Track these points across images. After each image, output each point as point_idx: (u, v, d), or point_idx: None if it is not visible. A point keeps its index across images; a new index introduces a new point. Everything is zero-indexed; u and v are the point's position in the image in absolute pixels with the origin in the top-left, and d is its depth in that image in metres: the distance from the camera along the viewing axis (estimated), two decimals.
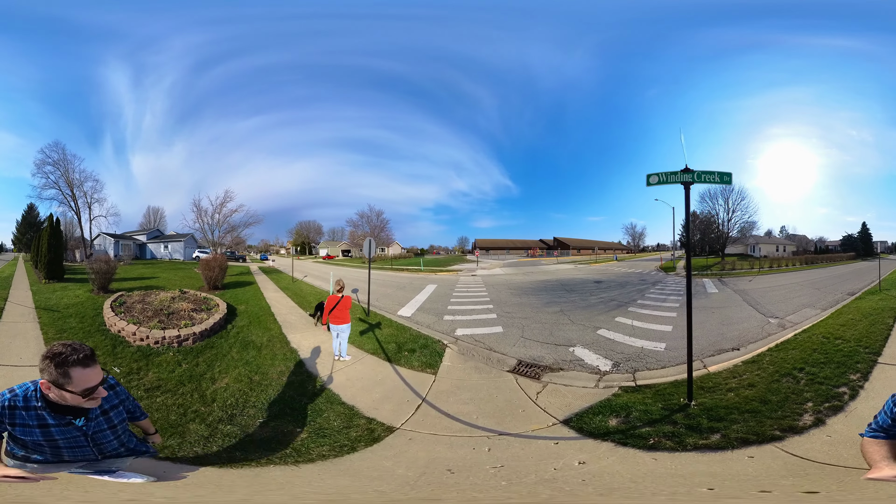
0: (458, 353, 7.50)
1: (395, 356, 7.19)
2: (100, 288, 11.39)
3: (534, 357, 6.86)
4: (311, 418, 4.79)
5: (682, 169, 4.52)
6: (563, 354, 6.92)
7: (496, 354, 7.21)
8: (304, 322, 9.62)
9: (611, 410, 4.46)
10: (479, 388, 5.77)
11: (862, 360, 5.24)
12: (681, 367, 5.53)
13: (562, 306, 11.39)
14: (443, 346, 7.87)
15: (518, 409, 4.88)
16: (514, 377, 6.01)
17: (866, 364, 5.12)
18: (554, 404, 4.88)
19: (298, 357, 7.00)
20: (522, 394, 5.34)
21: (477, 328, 9.11)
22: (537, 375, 5.97)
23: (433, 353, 7.31)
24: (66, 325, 7.71)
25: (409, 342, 8.01)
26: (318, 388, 5.77)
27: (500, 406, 5.03)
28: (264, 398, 5.26)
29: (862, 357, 5.39)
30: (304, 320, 9.82)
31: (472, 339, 8.22)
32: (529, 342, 7.83)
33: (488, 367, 6.63)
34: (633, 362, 6.31)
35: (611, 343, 7.56)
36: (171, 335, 6.97)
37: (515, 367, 6.42)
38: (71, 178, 22.28)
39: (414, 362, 6.90)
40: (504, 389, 5.60)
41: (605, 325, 8.85)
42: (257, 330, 8.48)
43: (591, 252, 37.55)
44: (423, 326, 9.36)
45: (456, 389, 5.76)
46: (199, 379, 5.68)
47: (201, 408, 4.73)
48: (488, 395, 5.43)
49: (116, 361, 5.97)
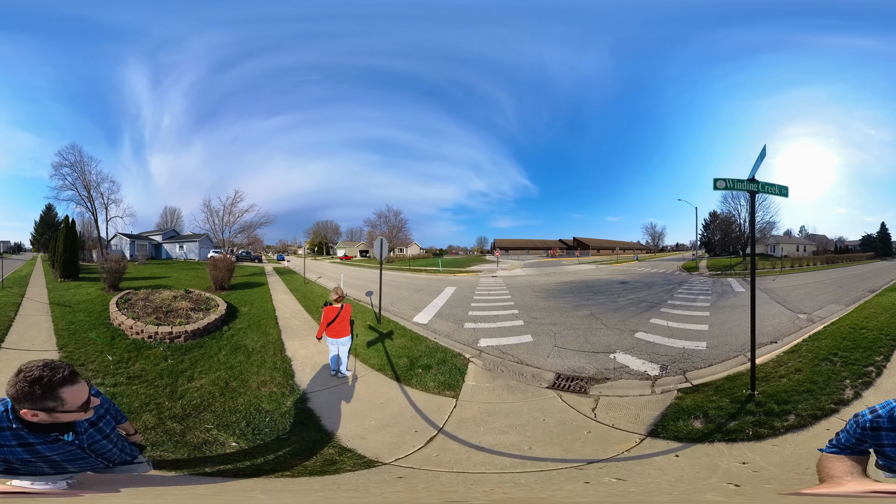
0: (484, 368, 7.22)
1: (405, 374, 6.94)
2: (110, 286, 12.74)
3: (573, 368, 6.88)
4: (264, 438, 4.57)
5: (749, 178, 5.31)
6: (605, 362, 7.11)
7: (529, 368, 7.03)
8: (307, 328, 9.99)
9: (686, 413, 4.84)
10: (518, 411, 5.37)
11: (884, 345, 6.65)
12: (726, 363, 6.54)
13: (591, 309, 11.77)
14: (465, 360, 7.59)
15: (581, 430, 4.76)
16: (556, 394, 5.89)
17: (888, 348, 6.53)
18: (621, 418, 4.97)
19: (290, 367, 7.07)
20: (575, 412, 5.24)
21: (503, 337, 9.03)
22: (583, 389, 5.98)
23: (453, 370, 6.98)
24: (74, 319, 8.92)
25: (423, 356, 7.73)
26: (298, 405, 5.60)
27: (555, 430, 4.76)
28: (229, 406, 5.39)
29: (884, 343, 6.78)
30: (307, 326, 10.20)
31: (498, 351, 8.08)
32: (564, 351, 7.88)
33: (523, 385, 6.34)
34: (679, 363, 6.77)
35: (651, 346, 7.89)
36: (164, 331, 7.75)
37: (555, 383, 6.32)
38: (88, 180, 24.81)
39: (429, 382, 6.54)
40: (551, 410, 5.39)
41: (641, 328, 9.20)
42: (254, 334, 8.88)
43: (610, 252, 40.89)
44: (442, 336, 9.27)
45: (486, 415, 5.32)
46: (178, 375, 6.24)
47: (165, 401, 5.29)
48: (533, 419, 5.08)
49: (112, 351, 6.97)
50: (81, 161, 24.61)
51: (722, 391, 5.37)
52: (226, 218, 24.66)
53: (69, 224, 15.53)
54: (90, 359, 6.57)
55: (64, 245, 14.67)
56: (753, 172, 5.35)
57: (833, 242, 35.13)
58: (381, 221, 37.54)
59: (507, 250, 44.84)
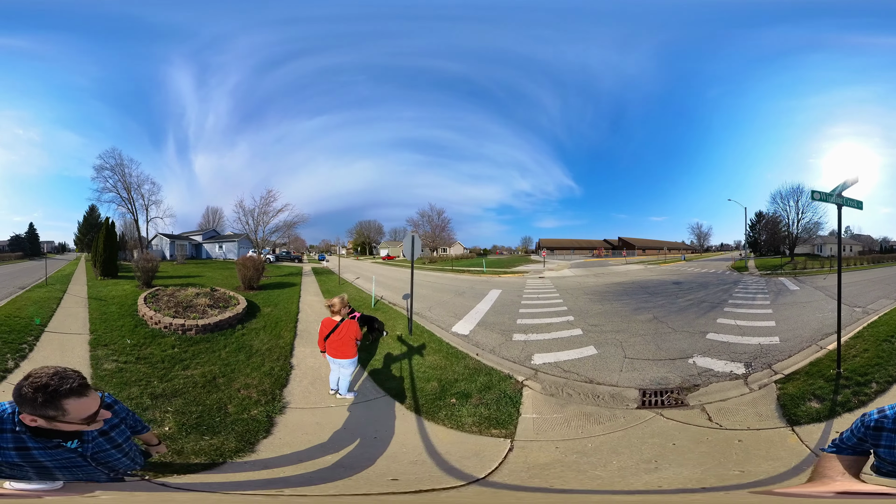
0: (544, 393, 7.05)
1: (430, 405, 6.64)
2: (144, 283, 15.87)
3: (655, 380, 7.30)
4: (196, 437, 5.23)
5: (837, 193, 7.22)
6: (686, 368, 7.77)
7: (604, 388, 7.14)
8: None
9: (799, 399, 6.12)
10: (624, 442, 5.26)
11: None
12: (802, 353, 8.23)
13: (653, 312, 12.91)
14: (517, 384, 7.36)
15: (726, 442, 5.17)
16: (655, 413, 6.07)
17: None
18: (747, 419, 5.71)
19: (286, 375, 7.82)
20: (696, 427, 5.58)
21: (562, 351, 9.24)
22: (681, 401, 6.42)
23: (502, 400, 6.70)
24: (107, 310, 11.82)
25: (461, 380, 7.55)
26: (263, 418, 5.98)
27: (700, 451, 4.94)
28: (200, 398, 6.46)
29: None
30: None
31: (559, 370, 8.13)
32: (638, 362, 8.33)
33: (606, 409, 6.32)
34: (761, 359, 8.02)
35: (727, 346, 8.96)
36: (178, 323, 10.02)
37: (643, 400, 6.53)
38: (128, 182, 29.45)
39: (465, 417, 6.15)
40: (666, 431, 5.52)
41: (711, 329, 10.43)
42: (266, 335, 10.42)
43: (656, 252, 49.15)
44: (486, 352, 9.35)
45: (578, 455, 5.00)
46: (176, 362, 8.03)
47: (155, 381, 7.00)
48: (656, 446, 5.12)
49: (132, 336, 9.42)
50: (122, 164, 29.52)
51: (813, 375, 6.88)
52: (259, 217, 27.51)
53: (109, 225, 19.52)
54: (113, 340, 9.05)
55: (104, 245, 18.48)
56: (840, 190, 7.16)
57: (878, 242, 41.68)
58: (424, 221, 41.71)
59: (552, 250, 52.33)
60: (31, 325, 9.64)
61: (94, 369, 7.46)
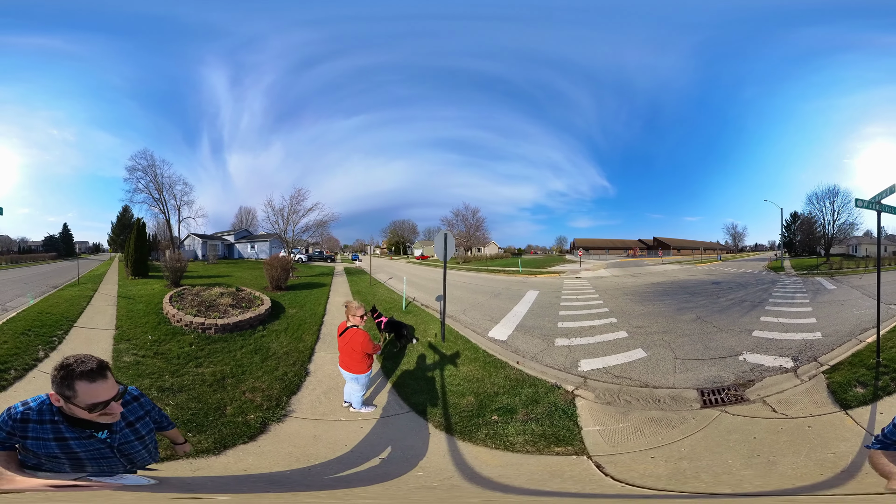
0: (599, 402, 6.93)
1: (466, 423, 6.27)
2: (172, 282, 16.51)
3: (710, 379, 7.66)
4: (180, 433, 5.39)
5: (877, 200, 7.93)
6: (737, 366, 8.18)
7: (662, 391, 7.26)
8: None
9: (845, 385, 6.68)
10: (709, 445, 5.44)
11: None
12: (843, 346, 8.82)
13: (696, 312, 13.48)
14: (567, 394, 7.17)
15: (798, 430, 5.61)
16: (718, 411, 6.37)
17: None
18: (805, 408, 6.29)
19: (298, 381, 7.82)
20: (766, 420, 6.04)
21: (610, 356, 9.23)
22: (740, 397, 6.82)
23: (554, 413, 6.45)
24: (134, 308, 12.61)
25: (502, 393, 7.27)
26: (256, 425, 6.02)
27: (782, 441, 5.33)
28: (204, 396, 6.72)
29: None
30: None
31: (610, 375, 8.09)
32: (689, 363, 8.63)
33: (671, 413, 6.43)
34: (806, 353, 8.59)
35: (773, 342, 9.50)
36: (198, 322, 10.51)
37: (704, 400, 6.84)
38: (160, 183, 31.00)
39: (512, 436, 5.85)
40: (737, 427, 5.85)
41: (755, 326, 11.05)
42: (286, 338, 10.50)
43: (691, 252, 52.55)
44: (528, 359, 9.15)
45: (680, 465, 5.00)
46: (191, 359, 8.50)
47: (166, 375, 7.59)
48: (740, 443, 5.40)
49: (154, 332, 10.08)
50: (153, 165, 31.09)
51: (855, 364, 7.56)
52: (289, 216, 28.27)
53: (139, 226, 20.56)
54: (136, 336, 9.80)
55: (135, 246, 19.53)
56: (881, 197, 7.83)
57: None
58: (459, 220, 43.61)
59: (587, 250, 55.27)
60: (61, 320, 10.51)
61: (114, 361, 8.10)
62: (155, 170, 30.89)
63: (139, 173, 30.56)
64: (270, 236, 33.77)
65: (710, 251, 52.49)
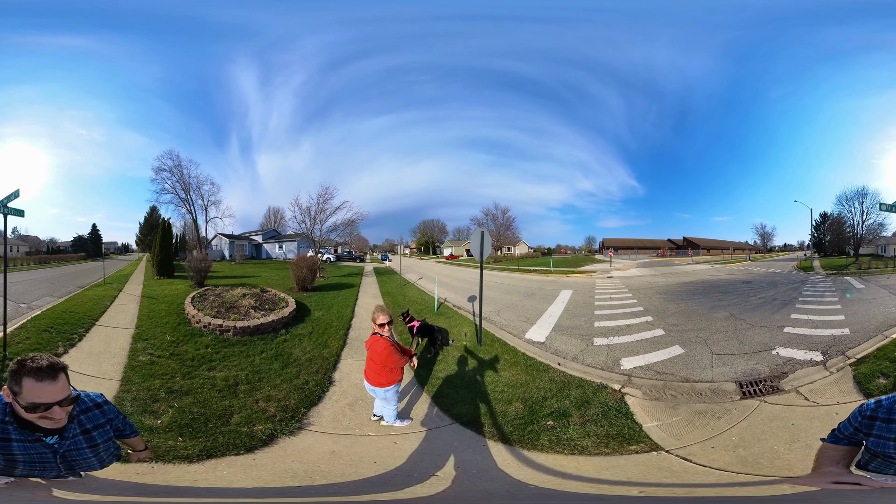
0: (647, 398, 7.15)
1: (521, 430, 6.11)
2: (197, 283, 16.49)
3: (746, 372, 8.18)
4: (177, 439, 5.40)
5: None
6: (771, 359, 8.72)
7: (702, 385, 7.71)
8: None
9: (870, 377, 7.25)
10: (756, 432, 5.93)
11: None
12: (870, 341, 9.26)
13: (729, 310, 14.01)
14: (616, 393, 7.29)
15: (828, 417, 6.13)
16: (757, 401, 6.88)
17: None
18: (834, 396, 6.85)
19: (320, 392, 7.49)
20: (801, 407, 6.57)
21: (649, 353, 9.57)
22: (776, 388, 7.33)
23: (609, 413, 6.54)
24: (156, 307, 12.73)
25: (550, 396, 7.19)
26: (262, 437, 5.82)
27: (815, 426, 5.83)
28: (211, 401, 6.57)
29: None
30: None
31: (652, 372, 8.46)
32: (726, 357, 9.11)
33: (714, 405, 6.86)
34: (835, 347, 9.08)
35: (804, 338, 10.07)
36: (216, 323, 10.38)
37: (743, 392, 7.31)
38: (187, 183, 31.39)
39: (579, 439, 5.82)
40: (777, 415, 6.33)
41: (786, 323, 11.59)
42: (309, 343, 10.16)
43: (720, 252, 53.79)
44: (569, 360, 9.16)
45: (743, 453, 5.37)
46: (205, 362, 8.45)
47: (178, 377, 7.54)
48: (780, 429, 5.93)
49: (173, 333, 10.17)
50: (180, 165, 31.50)
51: (880, 358, 8.08)
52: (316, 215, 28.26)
53: (165, 226, 20.80)
54: (154, 336, 9.91)
55: (160, 246, 19.83)
56: None
57: None
58: (489, 219, 44.62)
59: (616, 249, 56.51)
60: (84, 318, 10.72)
61: (129, 360, 8.27)
62: (181, 170, 31.44)
63: (165, 173, 31.12)
64: (298, 236, 33.96)
65: (740, 251, 54.54)
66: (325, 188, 30.16)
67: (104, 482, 3.78)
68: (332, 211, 28.45)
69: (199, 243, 29.85)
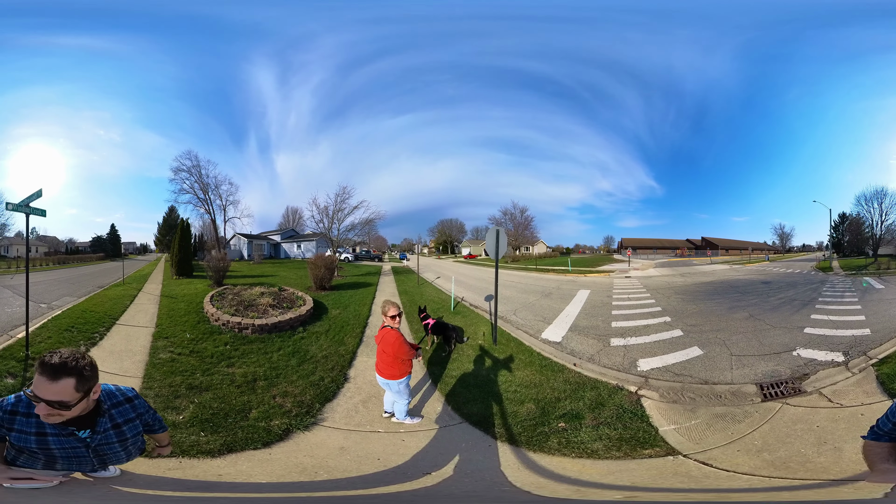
0: (664, 401, 7.10)
1: (530, 432, 6.10)
2: (215, 282, 16.96)
3: (767, 373, 8.12)
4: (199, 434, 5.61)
5: None
6: (792, 360, 8.71)
7: (722, 387, 7.64)
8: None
9: (892, 377, 7.23)
10: (780, 435, 5.85)
11: None
12: (891, 341, 9.35)
13: (748, 311, 14.16)
14: (632, 395, 7.26)
15: (854, 417, 6.11)
16: (780, 404, 6.81)
17: None
18: (857, 397, 6.77)
19: (335, 388, 7.67)
20: (825, 409, 6.51)
21: (667, 354, 9.54)
22: (798, 390, 7.27)
23: (623, 415, 6.50)
24: (175, 306, 13.20)
25: (564, 398, 7.20)
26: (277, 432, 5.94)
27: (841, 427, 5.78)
28: (230, 397, 6.79)
29: None
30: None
31: (670, 374, 8.40)
32: (745, 359, 9.06)
33: (734, 408, 6.80)
34: (856, 348, 9.13)
35: (824, 338, 10.08)
36: (235, 321, 10.77)
37: (764, 394, 7.24)
38: (205, 183, 32.20)
39: (590, 442, 5.79)
40: (801, 418, 6.28)
41: (806, 324, 11.67)
42: (325, 340, 10.41)
43: (739, 252, 56.41)
44: (585, 361, 9.19)
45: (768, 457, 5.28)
46: (223, 359, 8.75)
47: (198, 374, 7.84)
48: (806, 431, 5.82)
49: (192, 331, 10.52)
50: (198, 165, 32.29)
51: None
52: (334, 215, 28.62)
53: (183, 226, 21.43)
54: (174, 334, 10.24)
55: (179, 246, 20.41)
56: None
57: None
58: (507, 219, 45.98)
59: (634, 249, 59.05)
60: (104, 318, 11.13)
61: (151, 357, 8.59)
62: (200, 170, 32.21)
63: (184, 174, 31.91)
64: (316, 236, 34.46)
65: (758, 251, 56.60)
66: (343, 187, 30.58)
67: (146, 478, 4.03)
68: (350, 210, 28.92)
69: (218, 243, 30.52)
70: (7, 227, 35.10)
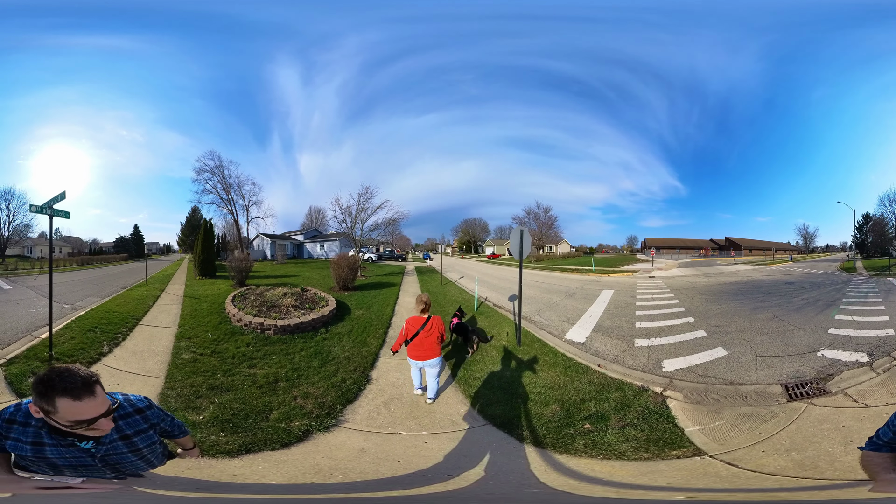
0: (689, 401, 7.14)
1: (556, 433, 6.13)
2: (238, 282, 17.25)
3: (791, 374, 8.19)
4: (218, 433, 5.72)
5: None
6: (816, 361, 8.77)
7: (747, 388, 7.71)
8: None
9: None
10: (807, 435, 5.90)
11: None
12: None
13: (772, 311, 14.33)
14: (657, 396, 7.29)
15: (880, 417, 5.98)
16: (805, 404, 6.87)
17: None
18: (882, 397, 6.85)
19: (358, 389, 7.70)
20: (850, 409, 6.59)
21: (691, 355, 9.60)
22: (823, 390, 7.34)
23: (649, 417, 6.53)
24: (198, 307, 13.54)
25: (589, 399, 7.22)
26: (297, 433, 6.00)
27: (867, 427, 5.76)
28: (251, 398, 6.93)
29: None
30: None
31: (694, 374, 8.48)
32: (770, 359, 9.11)
33: (760, 408, 6.88)
34: (881, 348, 9.24)
35: (848, 339, 10.19)
36: (257, 322, 10.97)
37: (789, 394, 7.33)
38: (228, 183, 32.86)
39: (617, 443, 5.80)
40: (827, 417, 6.34)
41: (830, 324, 11.81)
42: (348, 341, 10.49)
43: (762, 252, 57.93)
44: (609, 361, 9.25)
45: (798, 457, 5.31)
46: (245, 360, 8.91)
47: (219, 374, 8.03)
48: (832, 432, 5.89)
49: (215, 332, 10.76)
50: (220, 165, 32.97)
51: None
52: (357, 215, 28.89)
53: (206, 227, 21.88)
54: (196, 334, 10.50)
55: (202, 246, 20.86)
56: None
57: None
58: (531, 219, 46.62)
59: (658, 249, 60.47)
60: (127, 318, 11.45)
61: (173, 357, 8.82)
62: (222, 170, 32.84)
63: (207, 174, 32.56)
64: (340, 235, 34.83)
65: (782, 251, 57.78)
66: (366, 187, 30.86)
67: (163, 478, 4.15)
68: (373, 210, 29.18)
69: (241, 243, 31.05)
70: (31, 228, 36.31)
